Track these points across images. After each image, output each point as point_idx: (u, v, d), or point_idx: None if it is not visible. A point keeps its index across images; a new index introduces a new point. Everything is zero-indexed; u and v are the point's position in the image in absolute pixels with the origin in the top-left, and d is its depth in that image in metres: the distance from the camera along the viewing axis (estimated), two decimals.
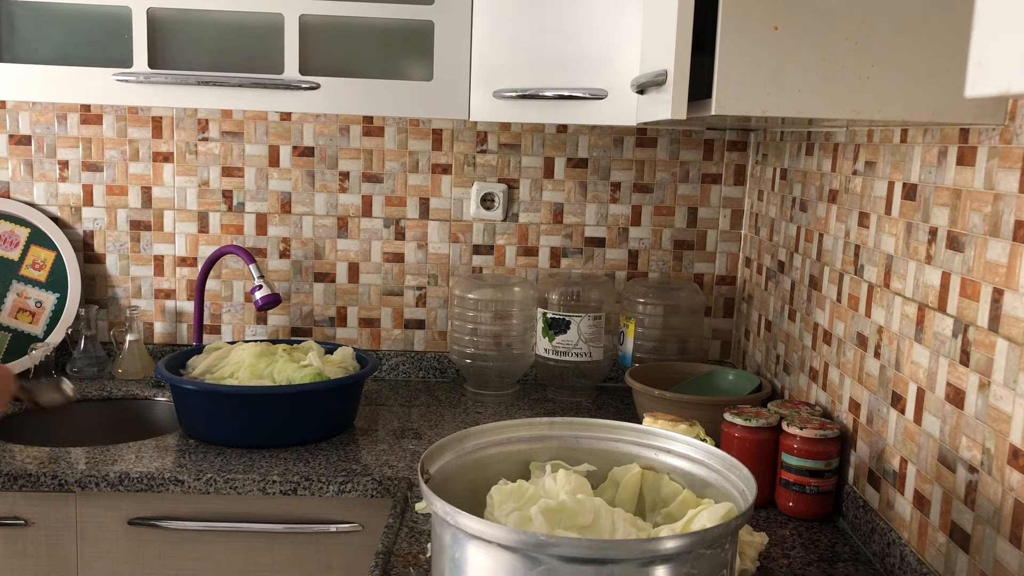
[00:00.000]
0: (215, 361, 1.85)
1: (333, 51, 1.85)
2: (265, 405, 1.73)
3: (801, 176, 1.81)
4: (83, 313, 2.13)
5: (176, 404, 1.80)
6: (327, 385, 1.76)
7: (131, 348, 2.13)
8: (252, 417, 1.73)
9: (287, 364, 1.81)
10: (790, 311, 1.83)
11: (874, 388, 1.42)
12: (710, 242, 2.26)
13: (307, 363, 1.82)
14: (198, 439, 1.77)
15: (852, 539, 1.44)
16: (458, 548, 0.96)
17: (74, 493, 1.62)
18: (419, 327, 2.28)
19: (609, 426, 1.22)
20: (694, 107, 1.19)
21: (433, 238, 2.24)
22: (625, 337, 2.13)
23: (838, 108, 1.09)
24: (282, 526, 1.64)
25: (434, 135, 2.21)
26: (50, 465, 1.63)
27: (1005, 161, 1.08)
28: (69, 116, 2.18)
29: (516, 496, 1.06)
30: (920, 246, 1.28)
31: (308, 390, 1.73)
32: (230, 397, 1.72)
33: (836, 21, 1.07)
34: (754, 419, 1.52)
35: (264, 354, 1.83)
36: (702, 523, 1.00)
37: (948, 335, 1.20)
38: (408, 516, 1.48)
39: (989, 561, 1.08)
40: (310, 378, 1.77)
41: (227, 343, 1.91)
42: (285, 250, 2.24)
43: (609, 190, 2.23)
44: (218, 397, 1.72)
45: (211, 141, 2.20)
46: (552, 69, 1.73)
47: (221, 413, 1.73)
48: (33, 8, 1.80)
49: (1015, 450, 1.03)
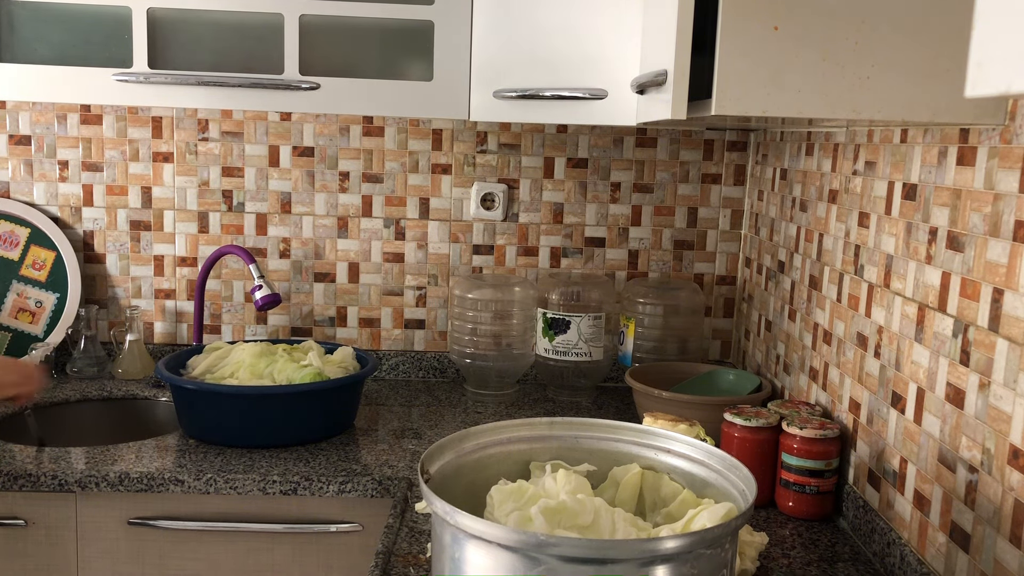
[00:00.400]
0: (215, 361, 1.85)
1: (333, 51, 1.85)
2: (265, 405, 1.73)
3: (801, 176, 1.81)
4: (83, 313, 2.13)
5: (176, 404, 1.80)
6: (327, 385, 1.76)
7: (131, 348, 2.13)
8: (252, 417, 1.73)
9: (287, 364, 1.81)
10: (790, 311, 1.83)
11: (874, 388, 1.42)
12: (710, 242, 2.26)
13: (307, 363, 1.82)
14: (198, 439, 1.77)
15: (852, 539, 1.44)
16: (458, 548, 0.96)
17: (74, 493, 1.62)
18: (419, 327, 2.28)
19: (609, 426, 1.22)
20: (694, 107, 1.19)
21: (433, 238, 2.24)
22: (625, 337, 2.13)
23: (838, 108, 1.09)
24: (282, 526, 1.63)
25: (434, 135, 2.21)
26: (50, 465, 1.63)
27: (1005, 161, 1.08)
28: (69, 116, 2.18)
29: (516, 496, 1.06)
30: (920, 246, 1.28)
31: (308, 390, 1.73)
32: (230, 397, 1.72)
33: (836, 21, 1.07)
34: (754, 419, 1.52)
35: (264, 354, 1.83)
36: (702, 523, 1.00)
37: (948, 335, 1.20)
38: (408, 516, 1.48)
39: (989, 561, 1.08)
40: (310, 378, 1.77)
41: (227, 343, 1.91)
42: (285, 250, 2.24)
43: (609, 190, 2.23)
44: (218, 397, 1.72)
45: (211, 141, 2.20)
46: (552, 69, 1.73)
47: (221, 413, 1.73)
48: (33, 8, 1.80)
49: (1015, 450, 1.03)
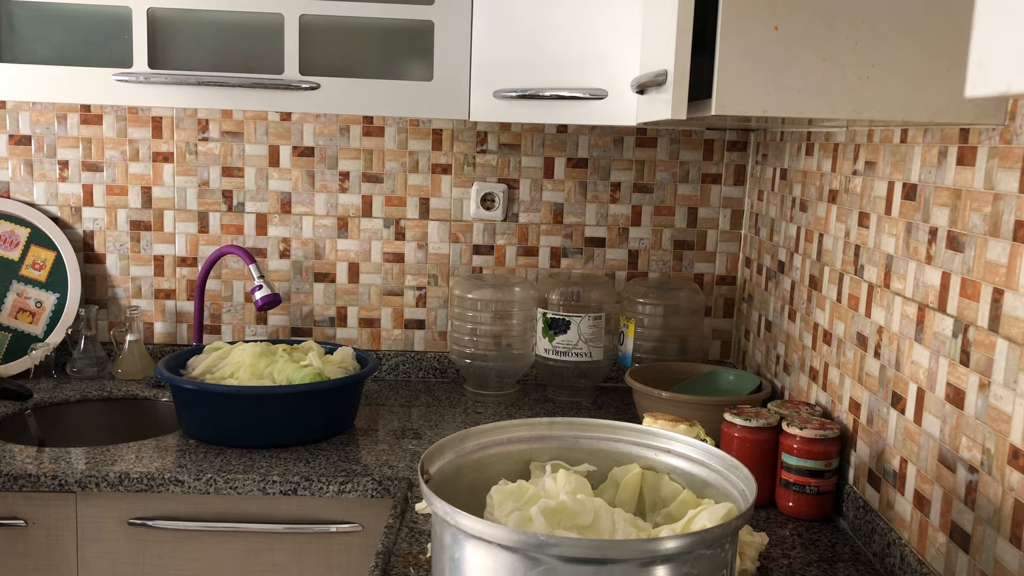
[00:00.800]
0: (215, 361, 1.85)
1: (333, 51, 1.84)
2: (265, 405, 1.73)
3: (801, 176, 1.81)
4: (83, 313, 2.13)
5: (176, 404, 1.80)
6: (327, 385, 1.76)
7: (131, 348, 2.13)
8: (252, 417, 1.73)
9: (287, 364, 1.81)
10: (790, 311, 1.83)
11: (874, 388, 1.42)
12: (710, 242, 2.26)
13: (307, 363, 1.82)
14: (198, 439, 1.77)
15: (852, 539, 1.44)
16: (458, 548, 0.96)
17: (74, 493, 1.62)
18: (419, 327, 2.28)
19: (609, 426, 1.22)
20: (694, 107, 1.19)
21: (433, 238, 2.24)
22: (625, 337, 2.13)
23: (838, 108, 1.09)
24: (282, 526, 1.63)
25: (434, 135, 2.21)
26: (50, 465, 1.63)
27: (1005, 161, 1.08)
28: (69, 116, 2.18)
29: (516, 496, 1.06)
30: (920, 246, 1.28)
31: (308, 390, 1.73)
32: (230, 397, 1.72)
33: (836, 21, 1.07)
34: (754, 419, 1.52)
35: (264, 354, 1.83)
36: (702, 523, 1.00)
37: (948, 335, 1.20)
38: (408, 516, 1.48)
39: (989, 561, 1.08)
40: (310, 378, 1.77)
41: (227, 343, 1.91)
42: (285, 250, 2.24)
43: (609, 190, 2.23)
44: (218, 397, 1.72)
45: (211, 141, 2.20)
46: (552, 69, 1.73)
47: (221, 413, 1.73)
48: (33, 8, 1.80)
49: (1015, 450, 1.03)
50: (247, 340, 2.05)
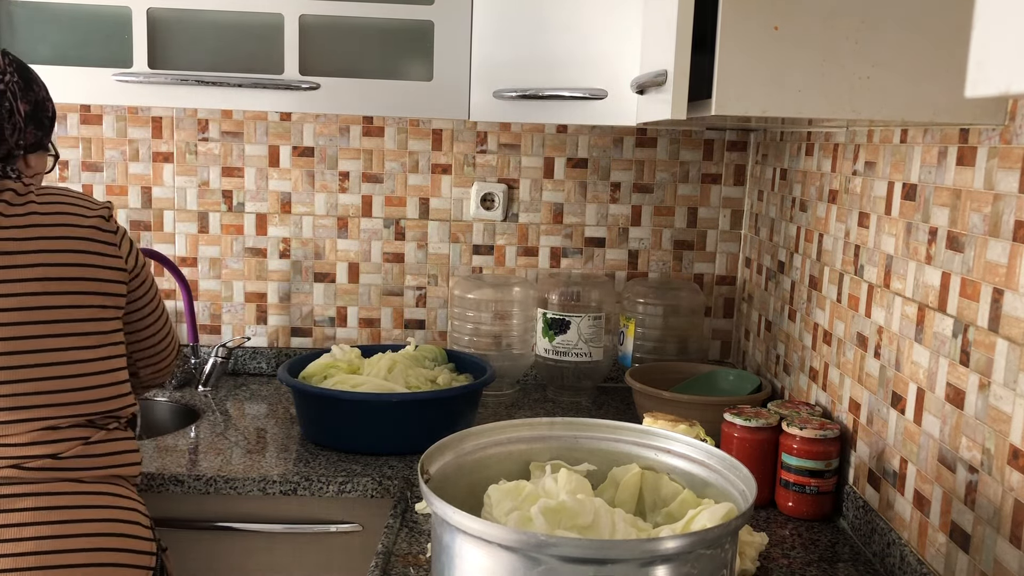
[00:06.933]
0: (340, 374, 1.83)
1: (333, 51, 1.84)
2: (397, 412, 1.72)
3: (801, 176, 1.81)
4: None
5: (297, 408, 1.80)
6: (452, 393, 1.75)
7: None
8: (375, 423, 1.73)
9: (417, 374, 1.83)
10: (790, 311, 1.84)
11: (874, 388, 1.42)
12: (710, 242, 2.26)
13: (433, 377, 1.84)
14: (317, 444, 1.77)
15: (852, 539, 1.44)
16: (458, 548, 0.96)
17: None
18: (419, 327, 2.28)
19: (609, 426, 1.22)
20: (694, 107, 1.19)
21: (433, 238, 2.24)
22: (625, 337, 2.13)
23: (838, 108, 1.09)
24: (282, 526, 1.63)
25: (434, 135, 2.21)
26: None
27: (1005, 161, 1.08)
28: (69, 116, 2.18)
29: (513, 494, 1.06)
30: (920, 246, 1.28)
31: (436, 397, 1.73)
32: (352, 403, 1.70)
33: (836, 21, 1.07)
34: (754, 419, 1.52)
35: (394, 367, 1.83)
36: (702, 523, 1.00)
37: (948, 335, 1.20)
38: (408, 516, 1.48)
39: (989, 561, 1.08)
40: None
41: (357, 352, 1.89)
42: (285, 250, 2.24)
43: (609, 190, 2.23)
44: (338, 402, 1.70)
45: (211, 141, 2.20)
46: (552, 69, 1.73)
47: (340, 417, 1.73)
48: (33, 8, 1.80)
49: (1015, 450, 1.03)
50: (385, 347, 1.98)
